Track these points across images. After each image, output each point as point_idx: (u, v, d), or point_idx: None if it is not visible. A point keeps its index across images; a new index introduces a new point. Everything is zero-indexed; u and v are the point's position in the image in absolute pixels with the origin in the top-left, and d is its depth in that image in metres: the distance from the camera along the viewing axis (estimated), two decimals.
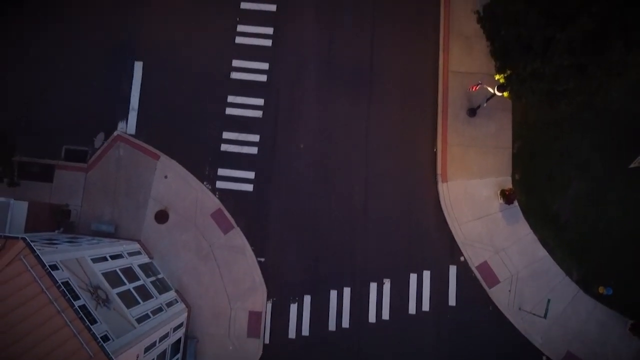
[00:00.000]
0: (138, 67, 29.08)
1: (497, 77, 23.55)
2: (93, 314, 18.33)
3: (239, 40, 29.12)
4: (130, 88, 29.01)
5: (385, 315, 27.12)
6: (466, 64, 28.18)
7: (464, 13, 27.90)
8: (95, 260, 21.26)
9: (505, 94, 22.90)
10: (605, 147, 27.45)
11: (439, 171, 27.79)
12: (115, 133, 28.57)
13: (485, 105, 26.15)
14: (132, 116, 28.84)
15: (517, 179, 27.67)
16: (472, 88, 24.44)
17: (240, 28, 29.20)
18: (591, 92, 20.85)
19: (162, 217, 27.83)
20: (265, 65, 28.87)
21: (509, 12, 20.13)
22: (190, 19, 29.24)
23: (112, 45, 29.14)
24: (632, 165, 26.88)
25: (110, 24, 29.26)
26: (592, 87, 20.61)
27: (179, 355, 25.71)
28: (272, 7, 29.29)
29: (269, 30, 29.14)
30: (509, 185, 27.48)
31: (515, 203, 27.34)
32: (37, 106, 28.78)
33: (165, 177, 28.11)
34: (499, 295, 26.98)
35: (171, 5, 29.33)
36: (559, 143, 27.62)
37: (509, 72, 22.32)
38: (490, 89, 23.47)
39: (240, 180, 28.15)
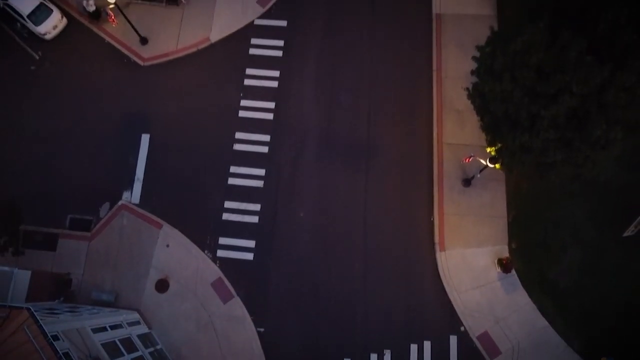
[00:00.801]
0: (145, 139, 30.39)
1: (488, 149, 24.62)
2: None
3: (242, 114, 30.60)
4: (137, 159, 30.17)
5: None
6: (459, 137, 29.41)
7: (455, 89, 29.44)
8: (95, 331, 21.33)
9: (497, 165, 23.83)
10: (598, 215, 28.05)
11: (436, 240, 28.26)
12: (119, 202, 29.36)
13: (479, 176, 27.07)
14: (137, 186, 29.76)
15: (514, 248, 28.08)
16: (465, 160, 25.45)
17: (244, 103, 30.79)
18: (578, 164, 21.80)
19: (162, 286, 28.02)
20: (266, 138, 30.15)
21: (496, 90, 21.48)
22: (196, 93, 30.89)
23: (122, 118, 30.63)
24: (626, 234, 27.37)
25: (120, 98, 30.90)
26: (578, 159, 21.57)
27: None
28: (274, 84, 31.00)
29: (271, 105, 30.68)
30: (505, 254, 27.86)
31: (513, 272, 27.60)
32: (45, 176, 29.82)
33: (167, 245, 28.58)
34: None
35: (179, 81, 31.08)
36: (553, 212, 28.25)
37: (499, 145, 23.40)
38: (482, 161, 24.44)
39: (241, 249, 28.59)
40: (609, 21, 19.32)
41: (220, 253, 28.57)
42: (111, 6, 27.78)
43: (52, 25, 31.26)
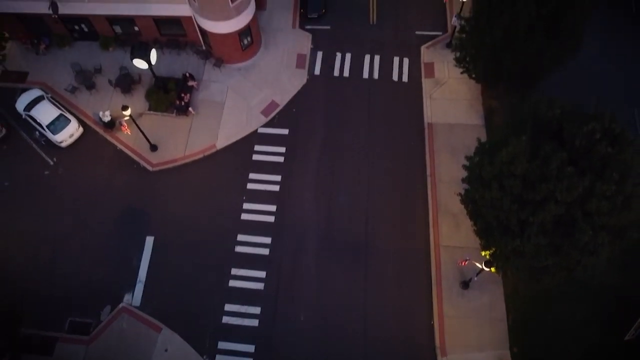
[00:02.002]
0: (149, 241, 31.18)
1: (483, 253, 25.31)
2: None
3: (244, 217, 31.67)
4: (140, 261, 30.73)
5: None
6: (455, 239, 30.21)
7: (449, 193, 30.75)
8: None
9: (493, 269, 24.38)
10: (598, 318, 28.02)
11: (437, 344, 28.01)
12: (120, 305, 29.49)
13: (475, 279, 27.49)
14: (139, 288, 30.06)
15: (515, 352, 27.72)
16: (462, 263, 26.04)
17: (246, 206, 31.96)
18: (570, 268, 22.39)
19: None
20: (267, 240, 30.94)
21: (485, 198, 22.65)
22: (201, 197, 32.19)
23: (128, 221, 31.66)
24: (627, 337, 27.18)
25: (127, 202, 32.16)
26: (570, 264, 22.19)
27: None
28: (276, 188, 32.42)
29: (272, 208, 31.84)
30: (508, 358, 27.46)
31: None
32: (48, 277, 30.25)
33: (166, 350, 28.28)
34: None
35: (185, 185, 32.52)
36: (552, 314, 28.25)
37: (493, 249, 24.13)
38: (478, 265, 25.03)
39: (240, 354, 28.23)
40: (585, 135, 20.90)
41: (219, 358, 28.17)
42: (126, 118, 29.95)
43: (69, 134, 33.37)
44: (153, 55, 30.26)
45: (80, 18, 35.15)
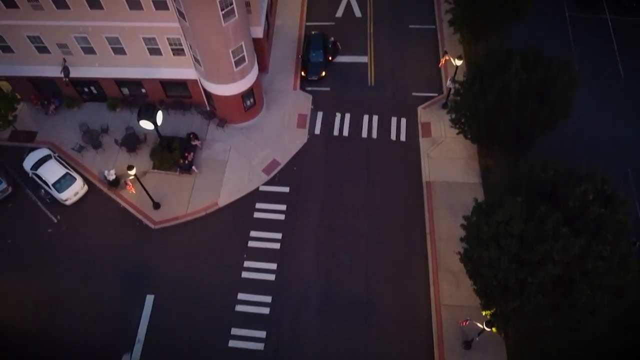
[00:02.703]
0: (149, 300, 31.15)
1: (484, 313, 25.30)
2: None
3: (245, 275, 31.78)
4: (139, 320, 30.57)
5: None
6: (456, 298, 30.20)
7: (449, 251, 31.02)
8: None
9: (494, 329, 24.32)
10: None
11: None
12: None
13: (477, 339, 27.29)
14: (138, 348, 29.78)
15: None
16: (462, 323, 25.97)
17: (247, 264, 32.13)
18: (571, 327, 22.39)
19: None
20: (268, 299, 30.93)
21: (484, 257, 22.97)
22: (202, 255, 32.42)
23: (128, 279, 31.75)
24: None
25: (128, 260, 32.36)
26: (570, 323, 22.22)
27: None
28: (276, 246, 32.70)
29: (273, 266, 32.00)
30: None
31: None
32: (45, 337, 30.00)
33: None
34: None
35: (186, 243, 32.82)
36: None
37: (493, 309, 24.17)
38: (479, 325, 24.96)
39: None
40: (578, 197, 21.51)
41: None
42: (131, 177, 30.68)
43: (74, 192, 34.02)
44: (159, 116, 31.35)
45: (90, 81, 36.62)
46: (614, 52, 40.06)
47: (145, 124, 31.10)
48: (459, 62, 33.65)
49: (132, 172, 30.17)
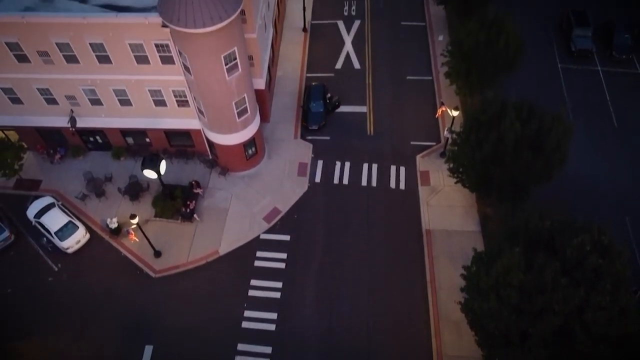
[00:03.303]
0: (148, 351, 30.82)
1: None
2: None
3: (245, 325, 31.56)
4: None
5: None
6: (458, 348, 29.87)
7: (450, 300, 30.90)
8: None
9: None
10: None
11: None
12: None
13: None
14: None
15: None
16: None
17: (247, 313, 31.96)
18: None
19: None
20: (268, 349, 30.60)
21: (484, 308, 22.98)
22: (202, 304, 32.28)
23: (127, 328, 31.50)
24: None
25: (128, 309, 32.19)
26: None
27: None
28: (277, 295, 32.62)
29: (273, 316, 31.82)
30: None
31: None
32: None
33: None
34: None
35: (187, 292, 32.75)
36: None
37: None
38: None
39: None
40: (576, 247, 21.77)
41: None
42: (133, 226, 30.99)
43: (76, 240, 34.22)
44: (162, 166, 31.92)
45: (96, 131, 37.49)
46: (607, 103, 41.18)
47: (149, 174, 31.63)
48: (455, 113, 34.62)
49: (135, 220, 30.51)
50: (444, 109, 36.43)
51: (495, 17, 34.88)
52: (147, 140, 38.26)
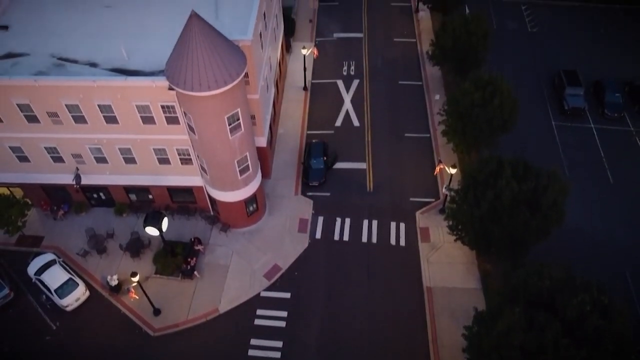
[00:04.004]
0: None
1: None
2: None
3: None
4: None
5: None
6: None
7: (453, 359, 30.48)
8: None
9: None
10: None
11: None
12: None
13: None
14: None
15: None
16: None
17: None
18: None
19: None
20: None
21: None
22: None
23: None
24: None
25: None
26: None
27: None
28: (277, 355, 32.17)
29: None
30: None
31: None
32: None
33: None
34: None
35: (185, 351, 32.30)
36: None
37: None
38: None
39: None
40: (576, 307, 21.77)
41: None
42: (134, 284, 30.99)
43: (75, 298, 34.09)
44: (164, 223, 32.27)
45: (100, 188, 38.11)
46: (602, 160, 42.01)
47: (151, 231, 31.94)
48: (453, 171, 35.31)
49: (135, 279, 30.54)
50: (441, 166, 37.18)
51: (489, 78, 36.25)
52: (150, 196, 38.82)
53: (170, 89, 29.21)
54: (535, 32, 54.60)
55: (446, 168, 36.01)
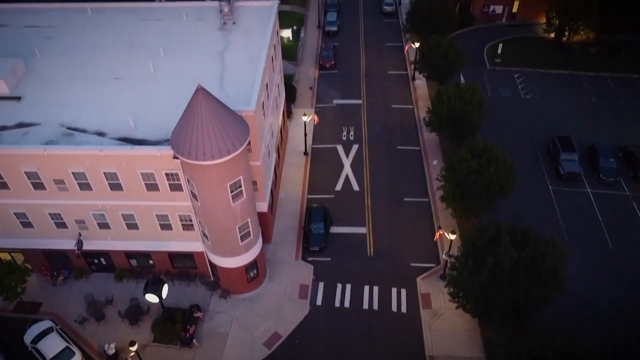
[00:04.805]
0: None
1: None
2: None
3: None
4: None
5: None
6: None
7: None
8: None
9: None
10: None
11: None
12: None
13: None
14: None
15: None
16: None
17: None
18: None
19: None
20: None
21: None
22: None
23: None
24: None
25: None
26: None
27: None
28: None
29: None
30: None
31: None
32: None
33: None
34: None
35: None
36: None
37: None
38: None
39: None
40: None
41: None
42: (132, 353, 30.49)
43: None
44: (164, 290, 32.19)
45: (101, 253, 38.24)
46: (600, 224, 42.36)
47: (151, 298, 31.81)
48: (452, 237, 35.57)
49: (134, 348, 30.10)
50: (441, 232, 37.49)
51: (484, 145, 37.29)
52: (151, 262, 38.87)
53: (175, 157, 30.02)
54: (529, 98, 56.54)
55: (446, 234, 36.30)
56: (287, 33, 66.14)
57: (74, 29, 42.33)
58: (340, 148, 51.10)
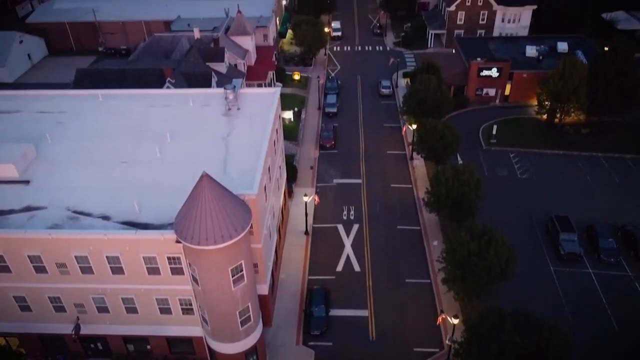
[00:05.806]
0: None
1: None
2: None
3: None
4: None
5: None
6: None
7: None
8: None
9: None
10: None
11: None
12: None
13: None
14: None
15: None
16: None
17: None
18: None
19: None
20: None
21: None
22: None
23: None
24: None
25: None
26: None
27: None
28: None
29: None
30: None
31: None
32: None
33: None
34: None
35: None
36: None
37: None
38: None
39: None
40: None
41: None
42: None
43: None
44: None
45: (98, 337, 37.53)
46: (604, 305, 41.85)
47: None
48: (455, 321, 35.07)
49: None
50: (443, 316, 37.03)
51: (483, 227, 37.71)
52: (148, 347, 38.05)
53: (178, 241, 30.36)
54: (525, 177, 57.67)
55: (448, 318, 35.83)
56: (288, 114, 68.61)
57: (85, 114, 44.18)
58: (340, 227, 51.48)
